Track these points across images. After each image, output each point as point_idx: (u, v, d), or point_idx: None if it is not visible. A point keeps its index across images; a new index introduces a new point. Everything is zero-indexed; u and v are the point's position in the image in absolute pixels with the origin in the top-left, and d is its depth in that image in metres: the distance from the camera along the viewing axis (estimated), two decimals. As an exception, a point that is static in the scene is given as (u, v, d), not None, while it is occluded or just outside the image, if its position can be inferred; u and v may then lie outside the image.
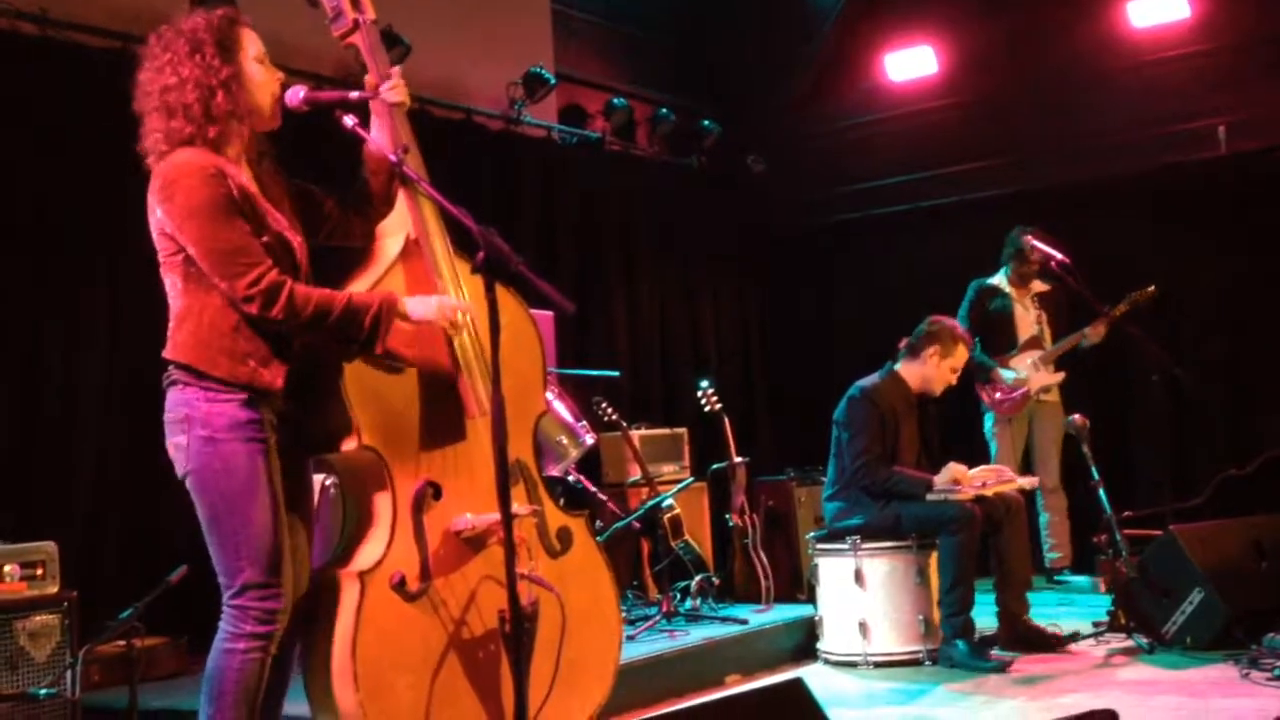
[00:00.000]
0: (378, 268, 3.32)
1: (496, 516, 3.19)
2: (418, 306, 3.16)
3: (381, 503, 3.25)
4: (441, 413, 3.30)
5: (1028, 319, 7.27)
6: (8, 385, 5.34)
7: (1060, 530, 7.26)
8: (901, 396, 5.78)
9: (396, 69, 3.44)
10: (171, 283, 3.09)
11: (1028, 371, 7.14)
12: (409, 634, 3.16)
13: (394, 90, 3.37)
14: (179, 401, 3.04)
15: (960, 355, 5.79)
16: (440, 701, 3.17)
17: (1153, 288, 6.90)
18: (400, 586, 3.15)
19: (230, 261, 2.96)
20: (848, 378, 5.92)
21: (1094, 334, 7.02)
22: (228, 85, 3.05)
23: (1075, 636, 5.54)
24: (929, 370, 5.77)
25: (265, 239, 3.05)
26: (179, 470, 3.06)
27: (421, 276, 3.33)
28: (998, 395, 7.15)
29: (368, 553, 3.22)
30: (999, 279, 7.32)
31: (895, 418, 5.72)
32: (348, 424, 3.17)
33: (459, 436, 3.32)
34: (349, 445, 3.20)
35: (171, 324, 3.09)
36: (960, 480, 5.52)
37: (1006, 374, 7.11)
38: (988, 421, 7.29)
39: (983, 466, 5.88)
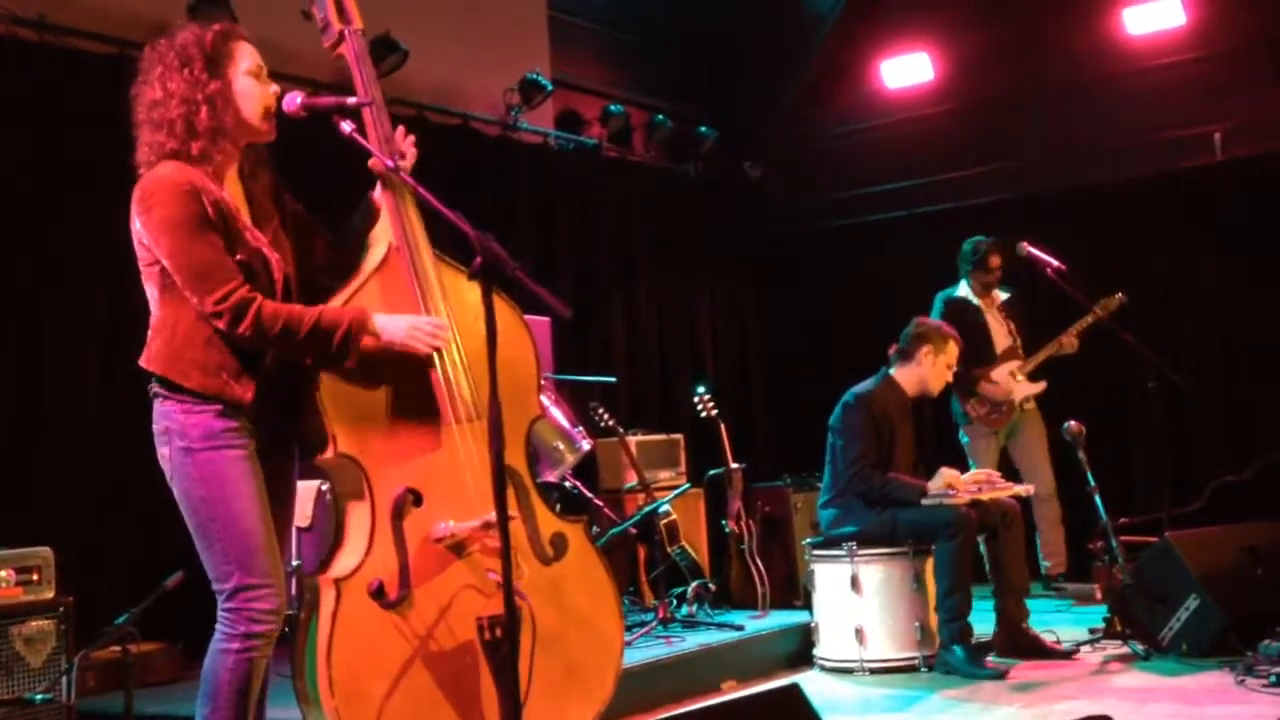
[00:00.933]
0: (355, 280, 3.31)
1: (476, 523, 3.21)
2: (388, 325, 3.16)
3: (360, 510, 3.24)
4: (421, 420, 3.29)
5: (1001, 330, 7.25)
6: (6, 389, 5.34)
7: (1054, 538, 7.24)
8: (896, 402, 5.79)
9: (408, 143, 3.44)
10: (150, 292, 3.13)
11: (1009, 382, 7.13)
12: (386, 641, 3.15)
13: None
14: (159, 414, 3.09)
15: (952, 351, 5.80)
16: (418, 709, 3.16)
17: (1120, 295, 6.88)
18: (378, 594, 3.14)
19: (201, 277, 2.99)
20: (845, 384, 5.92)
21: (1069, 343, 7.01)
22: (212, 101, 3.07)
23: (1076, 651, 5.53)
24: (925, 370, 5.78)
25: (240, 256, 3.07)
26: (167, 479, 3.10)
27: (400, 288, 3.31)
28: (985, 409, 7.13)
29: (344, 560, 3.22)
30: (964, 291, 7.29)
31: (890, 423, 5.72)
32: (326, 432, 3.18)
33: (439, 443, 3.31)
34: (327, 453, 3.21)
35: (149, 333, 3.12)
36: (954, 485, 5.52)
37: (994, 386, 7.09)
38: (963, 435, 7.27)
39: (974, 471, 5.88)
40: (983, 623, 5.61)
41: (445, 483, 3.28)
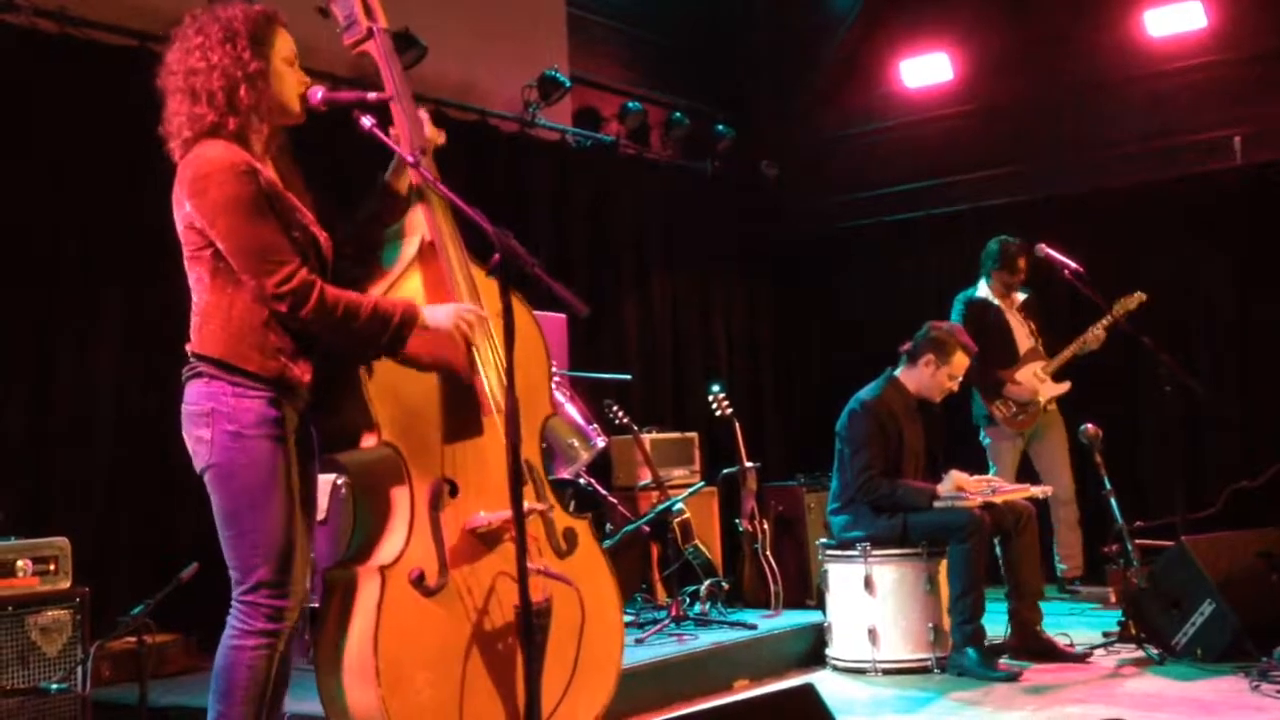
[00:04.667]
0: (395, 269, 3.34)
1: (509, 514, 3.21)
2: (435, 314, 3.17)
3: (400, 499, 3.27)
4: (458, 411, 3.32)
5: (1023, 331, 7.23)
6: (23, 382, 5.35)
7: (1071, 540, 7.22)
8: (902, 404, 5.76)
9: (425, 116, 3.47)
10: (198, 276, 3.07)
11: (1034, 383, 7.10)
12: (428, 630, 3.18)
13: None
14: (204, 394, 3.02)
15: (959, 363, 5.74)
16: (458, 697, 3.19)
17: (1140, 294, 6.86)
18: (419, 582, 3.18)
19: (261, 259, 2.96)
20: (859, 383, 5.92)
21: (1093, 340, 6.97)
22: (254, 79, 3.06)
23: (1089, 654, 5.51)
24: (925, 378, 5.76)
25: (296, 234, 3.06)
26: (199, 463, 3.05)
27: (437, 278, 3.35)
28: (1011, 410, 7.10)
29: (387, 548, 3.24)
30: (984, 291, 7.26)
31: (897, 427, 5.70)
32: (369, 421, 3.19)
33: (475, 434, 3.35)
34: (369, 442, 3.22)
35: (196, 319, 3.08)
36: (964, 487, 5.51)
37: (1020, 387, 7.06)
38: (985, 438, 7.23)
39: (980, 476, 5.84)
40: (996, 625, 5.60)
41: (479, 473, 3.33)
